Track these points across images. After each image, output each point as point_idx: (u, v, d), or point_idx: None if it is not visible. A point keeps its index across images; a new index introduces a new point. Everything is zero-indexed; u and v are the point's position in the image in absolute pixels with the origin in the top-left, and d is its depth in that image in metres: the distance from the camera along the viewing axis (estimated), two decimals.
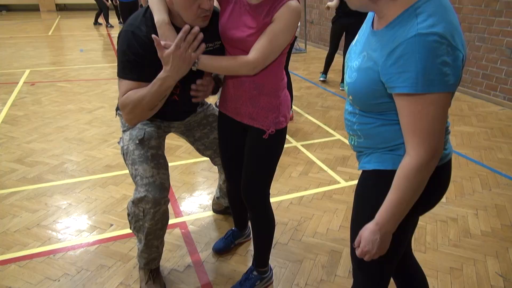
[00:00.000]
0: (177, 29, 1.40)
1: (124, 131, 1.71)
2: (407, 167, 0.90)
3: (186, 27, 1.26)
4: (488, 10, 4.49)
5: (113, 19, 10.65)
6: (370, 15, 1.05)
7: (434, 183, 0.99)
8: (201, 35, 1.30)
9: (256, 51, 1.37)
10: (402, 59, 0.83)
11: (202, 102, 1.91)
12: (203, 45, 1.32)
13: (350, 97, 1.02)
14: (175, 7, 1.37)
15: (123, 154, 1.68)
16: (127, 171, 2.85)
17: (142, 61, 1.41)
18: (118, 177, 2.79)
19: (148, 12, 1.44)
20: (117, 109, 1.75)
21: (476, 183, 2.80)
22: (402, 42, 0.83)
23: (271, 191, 1.70)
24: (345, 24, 4.73)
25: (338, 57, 5.61)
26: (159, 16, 1.37)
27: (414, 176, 0.89)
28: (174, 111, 1.69)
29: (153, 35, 1.29)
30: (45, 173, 2.83)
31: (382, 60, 0.88)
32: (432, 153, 0.88)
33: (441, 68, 0.81)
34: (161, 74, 1.35)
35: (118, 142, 1.75)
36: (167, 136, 1.89)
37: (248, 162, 1.62)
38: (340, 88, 5.08)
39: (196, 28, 1.28)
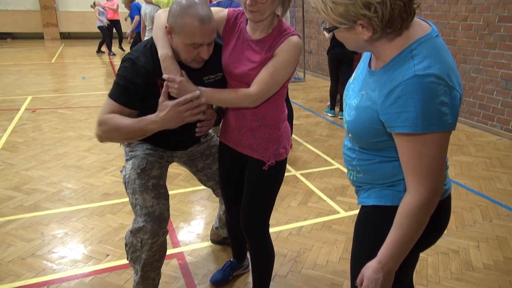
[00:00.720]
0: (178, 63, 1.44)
1: (127, 160, 1.72)
2: (409, 205, 0.90)
3: (196, 94, 1.35)
4: (482, 42, 4.60)
5: (116, 47, 10.84)
6: (366, 53, 1.08)
7: (435, 219, 0.98)
8: (204, 106, 1.39)
9: (257, 84, 1.39)
10: (401, 100, 0.85)
11: (206, 133, 1.93)
12: (201, 115, 1.41)
13: (350, 135, 1.03)
14: (174, 45, 1.41)
15: (125, 183, 1.68)
16: (125, 200, 2.83)
17: (135, 89, 1.44)
18: (116, 206, 2.77)
19: (149, 44, 1.47)
20: None
21: (476, 214, 2.78)
22: (400, 83, 0.85)
23: (269, 221, 1.68)
24: (340, 53, 4.81)
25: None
26: (163, 50, 1.40)
27: (416, 214, 0.89)
28: (176, 140, 1.71)
29: (164, 76, 1.35)
30: (42, 201, 2.81)
31: (380, 100, 0.90)
32: (433, 191, 0.88)
33: (440, 108, 0.83)
34: (150, 117, 1.38)
35: (121, 171, 1.75)
36: None
37: (248, 193, 1.62)
38: (339, 117, 5.13)
39: (203, 99, 1.35)
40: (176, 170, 3.33)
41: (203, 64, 1.47)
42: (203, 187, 3.03)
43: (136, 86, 1.43)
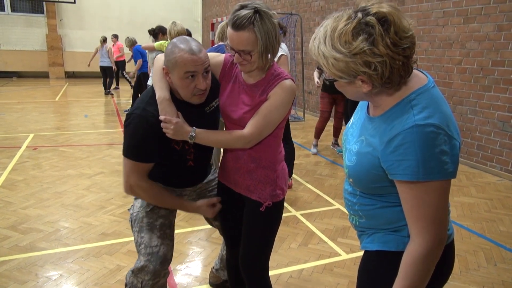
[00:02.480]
0: (179, 102, 1.48)
1: (136, 198, 1.73)
2: (414, 254, 0.89)
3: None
4: (477, 85, 4.71)
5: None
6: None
7: (440, 265, 0.97)
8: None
9: (251, 126, 1.43)
10: (402, 148, 0.87)
11: (212, 167, 1.94)
12: None
13: (351, 179, 1.04)
14: (174, 85, 1.46)
15: (131, 221, 1.69)
16: (122, 240, 2.78)
17: (150, 144, 1.49)
18: (113, 246, 2.72)
19: (149, 95, 1.51)
20: None
21: (480, 258, 2.72)
22: (401, 132, 0.87)
23: (269, 264, 1.65)
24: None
25: (331, 125, 5.69)
26: (161, 92, 1.45)
27: (421, 263, 0.89)
28: (189, 177, 1.73)
29: (161, 117, 1.39)
30: (38, 241, 2.76)
31: (381, 148, 0.91)
32: (437, 239, 0.88)
33: (440, 157, 0.84)
34: (189, 205, 1.68)
35: (129, 209, 1.75)
36: None
37: (246, 235, 1.60)
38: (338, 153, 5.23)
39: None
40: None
41: (203, 100, 1.50)
42: (201, 227, 3.00)
43: (150, 141, 1.46)
